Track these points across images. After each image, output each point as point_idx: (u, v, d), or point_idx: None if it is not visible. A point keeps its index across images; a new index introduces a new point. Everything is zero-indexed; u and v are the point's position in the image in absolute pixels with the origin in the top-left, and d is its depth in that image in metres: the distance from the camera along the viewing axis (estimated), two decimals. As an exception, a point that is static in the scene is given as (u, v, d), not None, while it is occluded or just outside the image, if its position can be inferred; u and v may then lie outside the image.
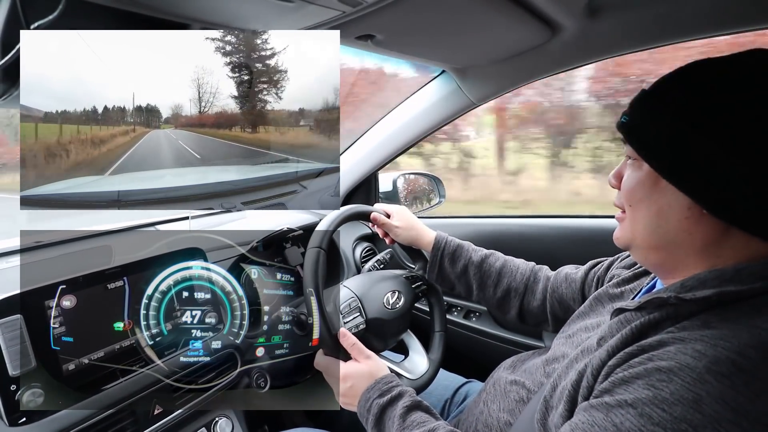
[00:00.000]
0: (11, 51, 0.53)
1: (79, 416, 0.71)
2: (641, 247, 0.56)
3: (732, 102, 0.46)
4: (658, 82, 0.53)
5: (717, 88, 0.47)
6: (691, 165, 0.47)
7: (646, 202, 0.53)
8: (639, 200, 0.54)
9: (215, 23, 0.69)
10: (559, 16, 0.84)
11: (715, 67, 0.49)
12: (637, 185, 0.54)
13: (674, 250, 0.53)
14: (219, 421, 0.91)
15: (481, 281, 0.96)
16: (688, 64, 0.51)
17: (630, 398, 0.43)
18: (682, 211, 0.50)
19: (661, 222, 0.52)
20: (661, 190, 0.51)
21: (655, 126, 0.50)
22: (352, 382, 0.78)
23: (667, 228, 0.52)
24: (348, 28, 0.77)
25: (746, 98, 0.45)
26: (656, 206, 0.52)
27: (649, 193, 0.53)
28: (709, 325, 0.45)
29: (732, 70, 0.47)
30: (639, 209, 0.54)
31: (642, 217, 0.54)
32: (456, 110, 1.26)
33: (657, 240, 0.54)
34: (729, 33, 0.85)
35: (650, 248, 0.55)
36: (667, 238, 0.52)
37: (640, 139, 0.53)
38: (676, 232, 0.51)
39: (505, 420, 0.71)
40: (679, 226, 0.51)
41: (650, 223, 0.53)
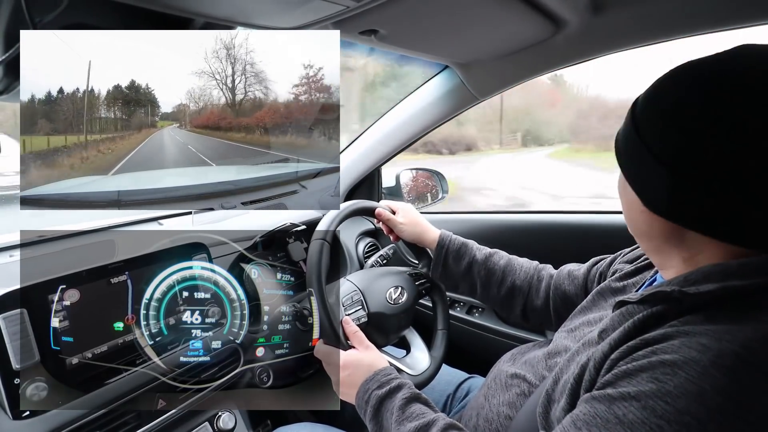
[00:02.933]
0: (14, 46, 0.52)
1: (82, 411, 0.71)
2: (634, 234, 0.62)
3: (659, 107, 0.50)
4: (653, 85, 0.55)
5: (653, 94, 0.52)
6: (634, 164, 0.53)
7: (622, 196, 0.60)
8: (620, 194, 0.60)
9: (219, 18, 0.68)
10: (563, 12, 0.84)
11: (663, 74, 0.52)
12: (618, 182, 0.60)
13: (650, 240, 0.57)
14: (222, 415, 0.91)
15: (485, 280, 0.96)
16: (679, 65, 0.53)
17: (633, 391, 0.43)
18: (639, 206, 0.54)
19: (631, 215, 0.58)
20: (626, 186, 0.56)
21: (625, 127, 0.56)
22: (351, 370, 0.77)
23: (636, 219, 0.57)
24: (351, 23, 0.76)
25: (668, 103, 0.49)
26: (625, 199, 0.58)
27: (622, 189, 0.59)
28: (714, 320, 0.45)
29: (665, 77, 0.52)
30: (623, 202, 0.60)
31: (624, 209, 0.60)
32: (459, 105, 1.26)
33: (634, 230, 0.60)
34: (733, 28, 0.84)
35: (636, 236, 0.61)
36: (639, 229, 0.58)
37: (618, 140, 0.58)
38: (642, 224, 0.56)
39: (505, 414, 0.71)
40: (641, 219, 0.55)
41: (626, 215, 0.60)
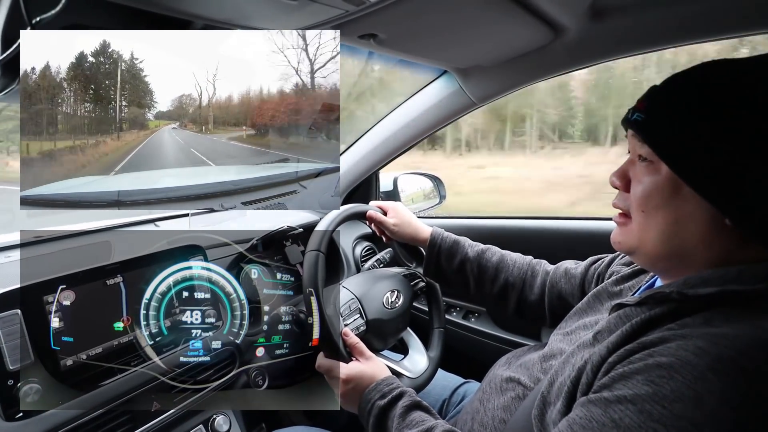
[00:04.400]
0: (12, 46, 0.52)
1: (77, 412, 0.71)
2: (649, 255, 0.53)
3: (756, 105, 0.43)
4: (672, 80, 0.50)
5: (741, 90, 0.44)
6: (717, 171, 0.44)
7: (663, 210, 0.49)
8: (655, 207, 0.50)
9: (218, 20, 0.68)
10: (562, 18, 0.84)
11: (735, 68, 0.46)
12: (655, 191, 0.50)
13: (685, 259, 0.50)
14: (217, 418, 0.91)
15: (478, 277, 0.96)
16: (703, 63, 0.48)
17: (629, 394, 0.43)
18: (704, 222, 0.47)
19: (678, 231, 0.49)
20: (683, 198, 0.47)
21: (677, 126, 0.47)
22: (354, 383, 0.78)
23: (683, 237, 0.49)
24: (351, 26, 0.76)
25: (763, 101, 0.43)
26: (675, 215, 0.48)
27: (668, 201, 0.49)
28: (711, 324, 0.45)
29: (756, 71, 0.45)
30: (653, 216, 0.50)
31: (656, 225, 0.50)
32: (457, 110, 1.26)
33: (669, 249, 0.50)
34: (733, 36, 0.85)
35: (659, 257, 0.52)
36: (682, 247, 0.49)
37: (661, 141, 0.48)
38: (694, 243, 0.48)
39: (500, 417, 0.71)
40: (698, 238, 0.48)
41: (665, 232, 0.50)
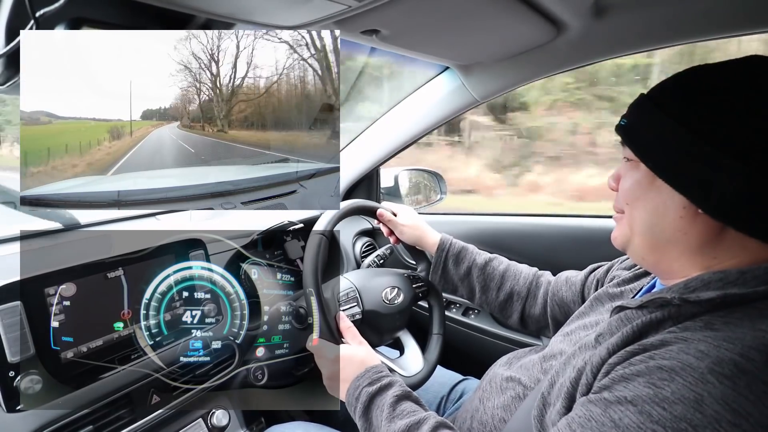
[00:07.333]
0: (15, 39, 0.52)
1: (76, 404, 0.71)
2: (638, 246, 0.58)
3: (728, 105, 0.47)
4: (657, 87, 0.54)
5: (714, 92, 0.48)
6: (685, 165, 0.49)
7: (642, 201, 0.55)
8: (636, 199, 0.56)
9: (219, 15, 0.68)
10: (565, 15, 0.84)
11: (713, 73, 0.50)
12: (635, 184, 0.56)
13: (670, 250, 0.54)
14: (216, 413, 0.91)
15: (484, 284, 0.97)
16: (686, 69, 0.52)
17: (630, 395, 0.43)
18: (677, 210, 0.51)
19: (657, 220, 0.54)
20: (657, 189, 0.52)
21: (652, 128, 0.52)
22: (343, 365, 0.77)
23: (662, 226, 0.53)
24: (353, 22, 0.76)
25: (743, 102, 0.46)
26: (652, 204, 0.54)
27: (645, 192, 0.54)
28: (712, 327, 0.45)
29: (729, 75, 0.49)
30: (636, 208, 0.56)
31: (639, 216, 0.56)
32: (459, 107, 1.26)
33: (652, 239, 0.55)
34: (736, 35, 0.85)
35: (647, 247, 0.57)
36: (663, 236, 0.54)
37: (638, 141, 0.54)
38: (672, 231, 0.52)
39: (500, 417, 0.71)
40: (674, 225, 0.52)
41: (647, 221, 0.55)
